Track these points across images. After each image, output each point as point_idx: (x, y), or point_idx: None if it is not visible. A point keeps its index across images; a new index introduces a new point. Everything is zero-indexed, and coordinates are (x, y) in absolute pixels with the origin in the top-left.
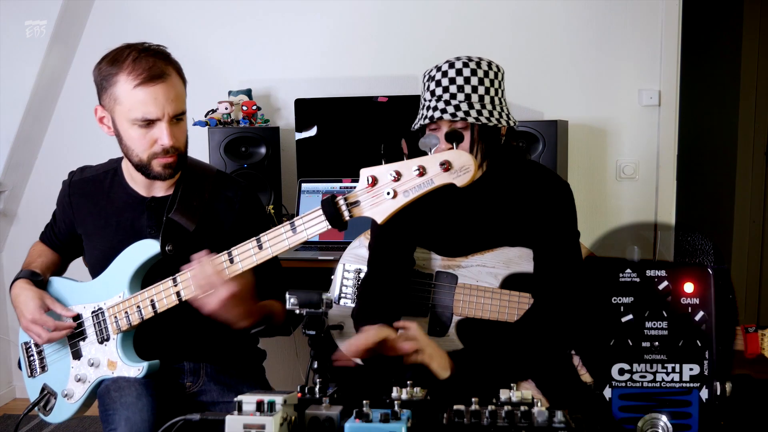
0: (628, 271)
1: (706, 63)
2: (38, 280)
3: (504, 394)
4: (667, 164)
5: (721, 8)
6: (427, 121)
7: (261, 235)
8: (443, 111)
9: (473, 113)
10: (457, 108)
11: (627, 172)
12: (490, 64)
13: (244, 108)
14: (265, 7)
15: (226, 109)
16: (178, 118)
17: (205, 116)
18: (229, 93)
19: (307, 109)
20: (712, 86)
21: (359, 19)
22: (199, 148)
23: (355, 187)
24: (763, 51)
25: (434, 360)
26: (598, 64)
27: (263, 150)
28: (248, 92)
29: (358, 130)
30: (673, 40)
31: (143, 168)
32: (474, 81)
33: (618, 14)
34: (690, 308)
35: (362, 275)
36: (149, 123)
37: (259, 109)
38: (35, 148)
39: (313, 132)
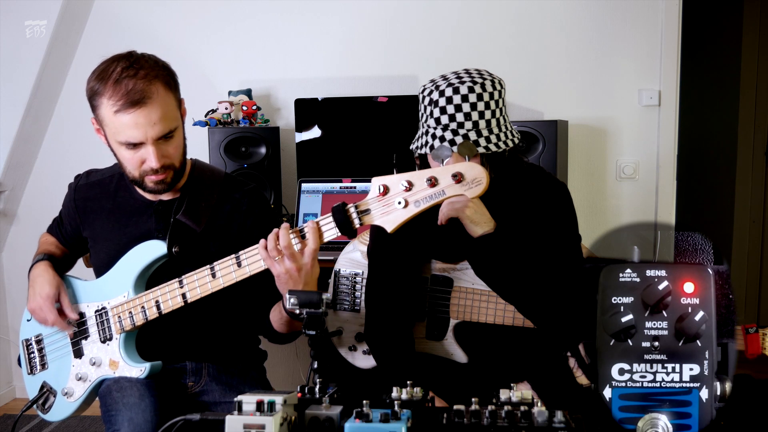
0: (628, 271)
1: (706, 63)
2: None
3: (504, 394)
4: (667, 164)
5: (721, 8)
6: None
7: None
8: (452, 143)
9: (482, 141)
10: (466, 138)
11: (627, 172)
12: (493, 81)
13: (244, 108)
14: (264, 7)
15: (226, 109)
16: (166, 137)
17: (205, 116)
18: (229, 93)
19: (307, 109)
20: (712, 86)
21: (359, 19)
22: (199, 148)
23: (355, 187)
24: (763, 51)
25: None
26: (598, 64)
27: (263, 150)
28: (248, 92)
29: (358, 130)
30: (673, 40)
31: (138, 183)
32: (480, 106)
33: (618, 14)
34: (690, 308)
35: (359, 279)
36: (136, 145)
37: (259, 109)
38: (35, 148)
39: (313, 132)
